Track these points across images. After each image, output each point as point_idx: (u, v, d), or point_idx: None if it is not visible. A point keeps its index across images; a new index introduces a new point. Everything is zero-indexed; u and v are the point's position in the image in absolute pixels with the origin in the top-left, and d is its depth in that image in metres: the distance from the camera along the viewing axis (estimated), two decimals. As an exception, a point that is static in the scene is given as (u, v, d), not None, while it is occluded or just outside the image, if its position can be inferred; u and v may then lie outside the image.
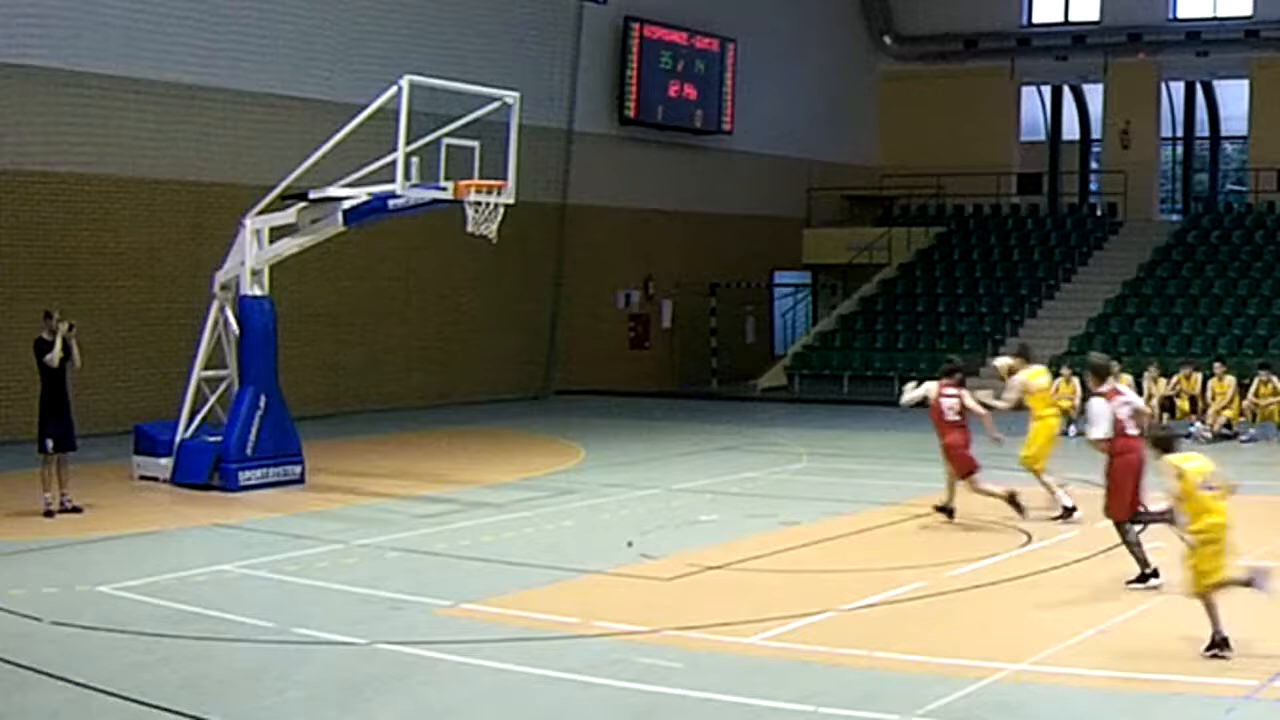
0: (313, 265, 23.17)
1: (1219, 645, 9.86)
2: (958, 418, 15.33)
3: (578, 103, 33.46)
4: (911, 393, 15.67)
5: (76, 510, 16.42)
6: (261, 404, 18.69)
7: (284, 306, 20.09)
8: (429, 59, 25.36)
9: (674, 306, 36.89)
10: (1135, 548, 12.16)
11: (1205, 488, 10.02)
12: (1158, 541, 14.38)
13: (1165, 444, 10.45)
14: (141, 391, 24.47)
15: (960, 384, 15.58)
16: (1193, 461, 10.16)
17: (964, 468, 15.30)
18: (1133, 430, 12.16)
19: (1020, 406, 16.12)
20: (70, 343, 16.31)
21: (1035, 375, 16.38)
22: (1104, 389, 12.40)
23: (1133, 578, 12.14)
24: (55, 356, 16.24)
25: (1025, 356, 16.69)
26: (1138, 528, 12.41)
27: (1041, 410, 16.22)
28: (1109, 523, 13.97)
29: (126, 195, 25.26)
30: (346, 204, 18.43)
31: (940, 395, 15.44)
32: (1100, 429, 12.11)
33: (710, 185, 37.27)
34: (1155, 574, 12.07)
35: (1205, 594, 9.95)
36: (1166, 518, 11.43)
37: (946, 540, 14.88)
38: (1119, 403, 12.30)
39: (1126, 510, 12.23)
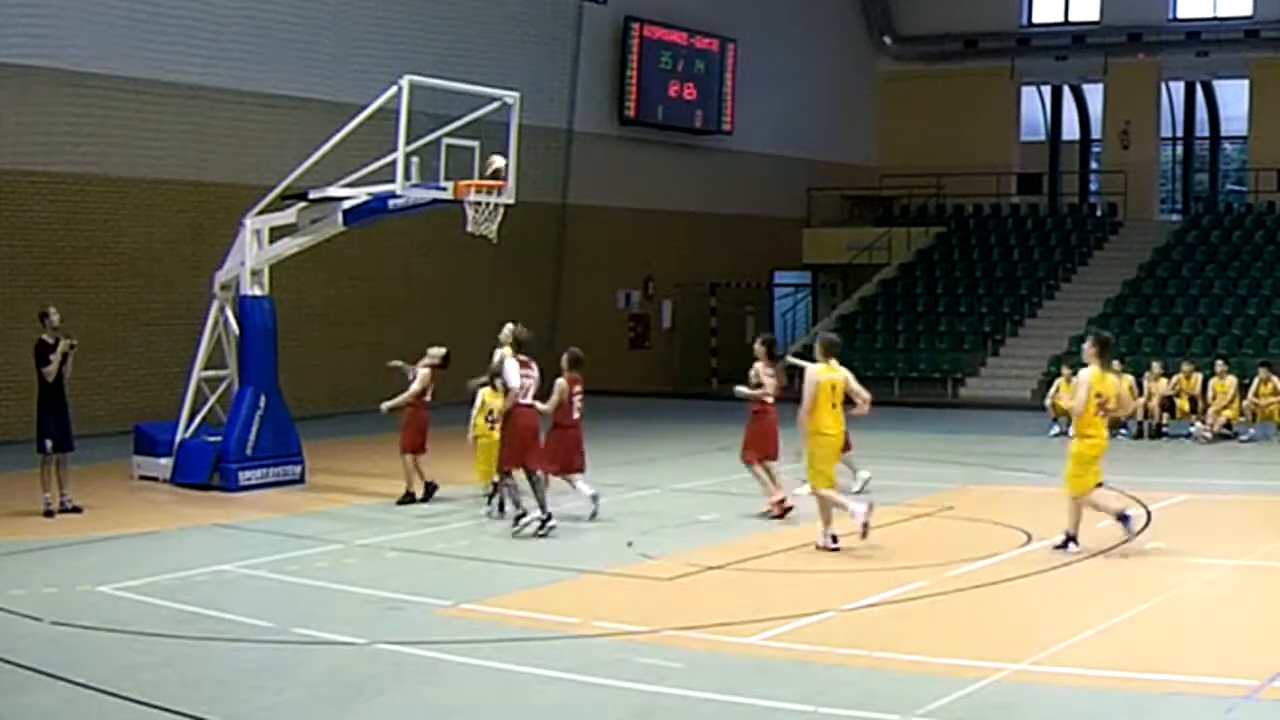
0: (312, 265, 23.14)
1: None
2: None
3: (578, 103, 33.45)
4: None
5: (76, 510, 16.41)
6: (261, 404, 18.68)
7: (284, 306, 20.07)
8: (429, 59, 25.33)
9: (674, 306, 36.89)
10: (513, 492, 15.07)
11: (491, 419, 15.65)
12: (1152, 536, 14.43)
13: (492, 380, 15.24)
14: (141, 391, 24.44)
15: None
16: (496, 400, 15.45)
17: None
18: (526, 401, 15.00)
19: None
20: (68, 358, 16.33)
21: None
22: (522, 357, 15.21)
23: (516, 518, 14.97)
24: (52, 371, 16.22)
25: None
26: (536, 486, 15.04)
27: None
28: (1109, 523, 14.00)
29: (126, 195, 25.24)
30: (346, 204, 18.41)
31: None
32: (511, 382, 14.86)
33: (710, 185, 37.24)
34: (549, 518, 14.75)
35: (487, 482, 15.39)
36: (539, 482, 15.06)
37: (946, 540, 14.88)
38: (528, 375, 15.09)
39: (511, 463, 15.07)
